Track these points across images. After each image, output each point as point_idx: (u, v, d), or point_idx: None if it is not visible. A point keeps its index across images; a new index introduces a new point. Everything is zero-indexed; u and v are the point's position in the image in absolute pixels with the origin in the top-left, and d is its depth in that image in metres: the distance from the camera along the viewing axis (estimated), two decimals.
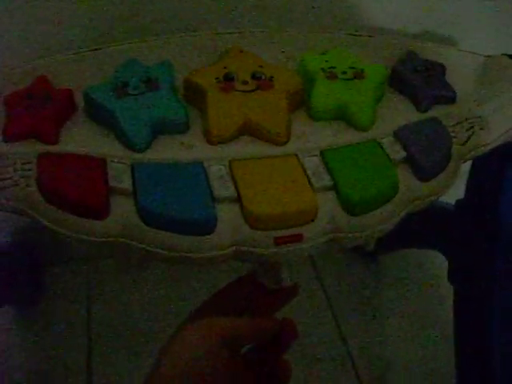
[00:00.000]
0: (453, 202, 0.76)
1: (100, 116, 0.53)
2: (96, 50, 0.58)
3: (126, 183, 0.49)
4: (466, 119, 0.59)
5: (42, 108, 0.52)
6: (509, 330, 0.70)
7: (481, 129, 0.60)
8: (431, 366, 0.90)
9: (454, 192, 0.78)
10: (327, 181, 0.50)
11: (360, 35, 0.63)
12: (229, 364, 0.44)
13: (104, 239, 0.49)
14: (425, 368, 0.91)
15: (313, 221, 0.49)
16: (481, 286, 0.70)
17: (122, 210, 0.48)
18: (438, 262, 0.81)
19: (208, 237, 0.47)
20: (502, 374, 0.71)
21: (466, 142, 0.59)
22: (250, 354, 0.49)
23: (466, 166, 0.71)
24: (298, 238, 0.48)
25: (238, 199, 0.48)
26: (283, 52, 0.59)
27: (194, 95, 0.55)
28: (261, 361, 0.49)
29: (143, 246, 0.48)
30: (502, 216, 0.68)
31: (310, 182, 0.50)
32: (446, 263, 0.81)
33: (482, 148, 0.60)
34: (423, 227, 0.78)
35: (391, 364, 0.92)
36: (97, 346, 0.85)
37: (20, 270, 0.87)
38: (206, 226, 0.47)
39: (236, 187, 0.49)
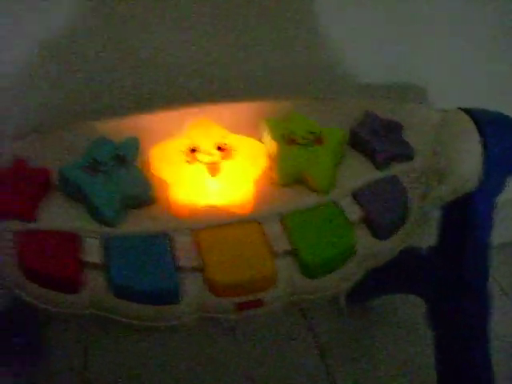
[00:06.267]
0: None
1: (74, 193, 0.56)
2: (69, 129, 0.61)
3: (98, 257, 0.52)
4: (424, 174, 0.62)
5: (21, 187, 0.56)
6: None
7: (438, 183, 0.63)
8: None
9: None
10: (286, 246, 0.53)
11: (318, 99, 0.66)
12: None
13: (79, 312, 0.52)
14: None
15: (272, 286, 0.52)
16: (455, 331, 0.72)
17: (94, 283, 0.51)
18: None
19: (173, 306, 0.50)
20: None
21: (425, 196, 0.62)
22: None
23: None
24: (258, 304, 0.51)
25: (202, 268, 0.52)
26: (245, 121, 0.63)
27: (160, 168, 0.59)
28: None
29: (113, 316, 0.51)
30: (467, 266, 0.70)
31: (270, 248, 0.53)
32: None
33: (440, 201, 0.63)
34: (399, 273, 0.80)
35: None
36: None
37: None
38: (170, 296, 0.50)
39: (200, 256, 0.52)
